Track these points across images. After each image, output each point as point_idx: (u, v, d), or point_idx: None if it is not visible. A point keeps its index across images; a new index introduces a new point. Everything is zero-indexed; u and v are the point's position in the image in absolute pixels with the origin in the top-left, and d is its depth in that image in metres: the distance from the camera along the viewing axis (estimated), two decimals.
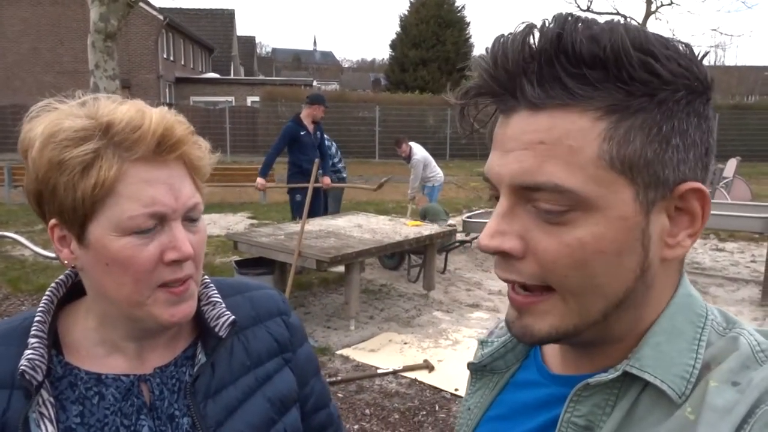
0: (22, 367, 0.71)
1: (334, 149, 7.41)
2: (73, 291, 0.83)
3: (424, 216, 7.22)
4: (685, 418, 0.50)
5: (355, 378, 4.20)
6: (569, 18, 0.50)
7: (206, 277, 0.88)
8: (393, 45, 31.53)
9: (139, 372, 0.80)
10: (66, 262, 0.75)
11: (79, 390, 0.77)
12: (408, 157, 8.27)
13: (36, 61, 24.01)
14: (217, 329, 0.82)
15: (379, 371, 4.29)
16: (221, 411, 0.81)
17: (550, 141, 0.50)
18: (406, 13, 30.80)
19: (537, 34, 0.50)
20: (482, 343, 0.75)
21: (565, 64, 0.49)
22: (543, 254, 0.52)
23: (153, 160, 0.72)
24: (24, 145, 0.72)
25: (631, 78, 0.48)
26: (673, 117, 0.50)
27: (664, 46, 0.50)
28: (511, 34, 0.52)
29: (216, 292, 0.87)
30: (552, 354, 0.66)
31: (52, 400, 0.74)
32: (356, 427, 3.59)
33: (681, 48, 0.51)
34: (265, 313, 0.91)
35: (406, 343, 4.86)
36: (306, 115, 6.65)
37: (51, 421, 0.73)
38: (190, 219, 0.76)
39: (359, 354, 4.62)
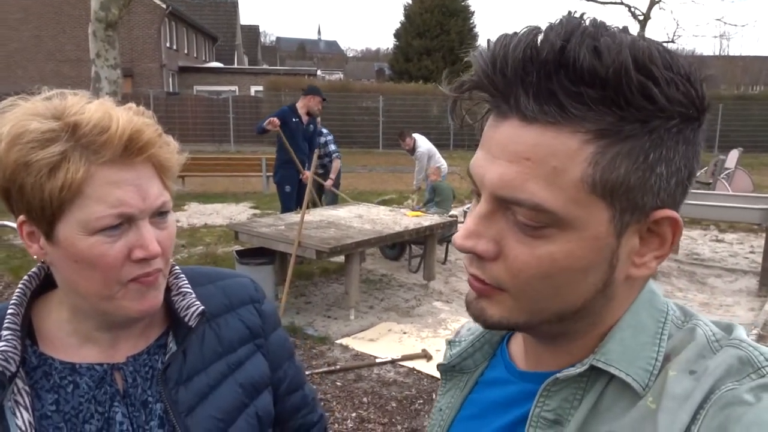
0: None
1: (331, 144, 7.36)
2: (47, 282, 0.84)
3: (433, 191, 7.21)
4: (647, 407, 0.52)
5: (354, 367, 4.23)
6: (576, 29, 0.49)
7: (176, 267, 0.90)
8: (397, 34, 31.37)
9: (112, 361, 0.82)
10: (36, 256, 0.77)
11: (53, 379, 0.79)
12: (412, 150, 8.23)
13: (38, 50, 23.99)
14: (186, 319, 0.84)
15: (377, 360, 4.32)
16: (193, 397, 0.83)
17: (535, 159, 0.49)
18: (411, 2, 30.64)
19: (540, 41, 0.49)
20: (450, 343, 0.76)
21: (564, 81, 0.48)
22: (513, 261, 0.53)
23: (120, 162, 0.72)
24: None
25: (627, 103, 0.48)
26: (662, 145, 0.50)
27: (667, 67, 0.48)
28: (514, 36, 0.51)
29: (186, 282, 0.88)
30: (518, 351, 0.68)
31: (27, 389, 0.76)
32: (354, 414, 3.62)
33: (683, 68, 0.49)
34: (237, 301, 0.93)
35: (405, 333, 4.88)
36: (301, 105, 6.63)
37: (26, 409, 0.75)
38: (159, 214, 0.77)
39: (358, 343, 4.65)
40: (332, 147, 7.40)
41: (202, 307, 0.85)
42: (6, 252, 6.88)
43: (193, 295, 0.86)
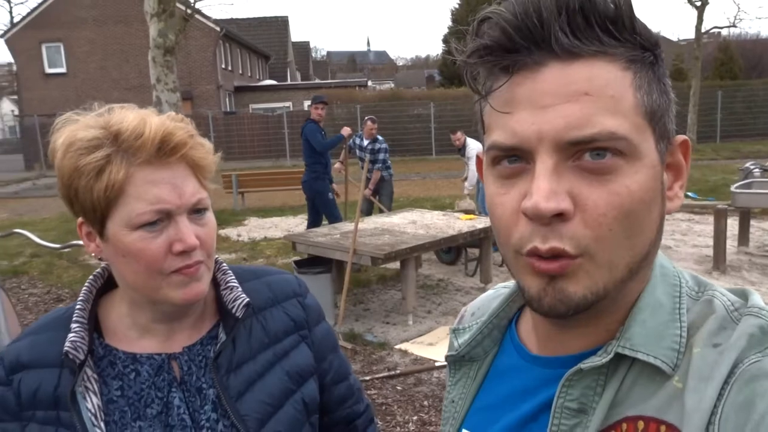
0: (65, 348, 0.82)
1: (381, 154, 7.53)
2: (111, 281, 0.92)
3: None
4: (674, 387, 0.51)
5: (414, 371, 4.25)
6: None
7: (225, 264, 0.97)
8: (445, 39, 31.35)
9: (169, 351, 0.89)
10: (93, 254, 0.85)
11: (118, 367, 0.87)
12: (461, 148, 8.15)
13: (104, 79, 25.36)
14: (234, 310, 0.90)
15: (437, 364, 4.32)
16: (242, 383, 0.89)
17: (593, 91, 0.49)
18: (458, 5, 30.59)
19: None
20: (455, 331, 0.73)
21: (595, 16, 0.50)
22: (593, 209, 0.50)
23: (157, 163, 0.80)
24: (51, 155, 0.82)
25: (640, 32, 0.51)
26: (665, 74, 0.54)
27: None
28: None
29: (233, 278, 0.95)
30: (528, 334, 0.65)
31: (95, 376, 0.85)
32: (415, 418, 3.64)
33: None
34: (281, 295, 0.99)
35: None
36: (317, 115, 6.98)
37: (95, 394, 0.84)
38: (196, 211, 0.84)
39: (417, 348, 4.67)
40: (381, 156, 7.46)
41: (248, 299, 0.91)
42: (83, 272, 7.29)
43: (240, 289, 0.93)
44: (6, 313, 3.41)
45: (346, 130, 6.70)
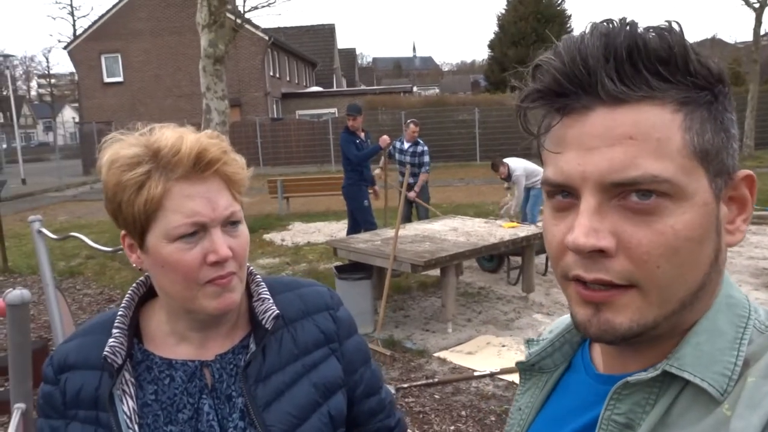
0: (104, 353, 0.87)
1: (426, 156, 7.55)
2: (152, 289, 0.97)
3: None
4: (722, 414, 0.51)
5: (452, 380, 4.23)
6: (626, 20, 0.54)
7: (258, 276, 1.01)
8: (491, 45, 31.16)
9: (202, 358, 0.93)
10: (135, 265, 0.91)
11: (154, 372, 0.92)
12: (508, 177, 7.79)
13: (158, 87, 26.29)
14: (264, 322, 0.94)
15: (476, 373, 4.29)
16: (270, 393, 0.92)
17: (638, 135, 0.51)
18: (504, 11, 30.35)
19: (609, 31, 0.53)
20: (529, 342, 0.76)
21: (644, 60, 0.51)
22: (637, 247, 0.52)
23: (192, 178, 0.84)
24: (98, 171, 0.88)
25: (695, 72, 0.52)
26: (726, 110, 0.55)
27: (695, 51, 0.53)
28: (582, 34, 0.54)
29: (266, 289, 0.98)
30: (598, 353, 0.67)
31: (132, 380, 0.90)
32: (452, 428, 3.63)
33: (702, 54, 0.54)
34: (313, 308, 1.02)
35: (504, 346, 4.82)
36: (350, 126, 7.13)
37: (131, 397, 0.89)
38: (230, 224, 0.88)
39: (456, 356, 4.65)
40: (426, 158, 7.54)
41: (278, 311, 0.94)
42: (133, 274, 7.56)
43: (271, 301, 0.96)
44: (62, 313, 3.58)
45: (384, 141, 6.73)
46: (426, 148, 7.57)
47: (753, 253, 7.34)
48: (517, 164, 7.80)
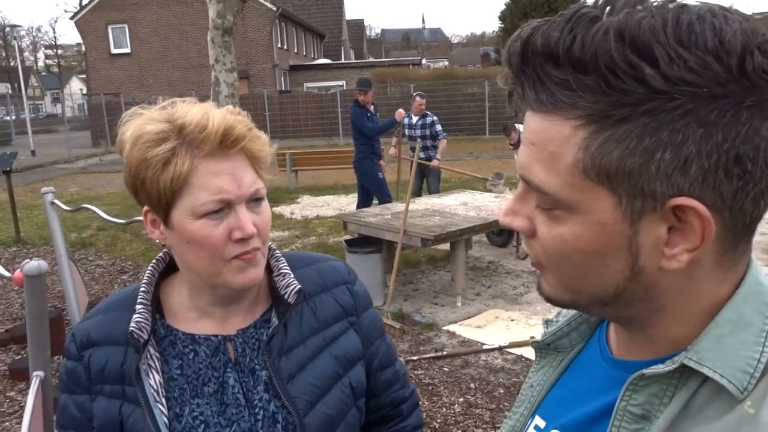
0: (131, 328, 0.88)
1: (437, 125, 7.52)
2: (172, 265, 0.98)
3: None
4: (745, 412, 0.49)
5: (461, 353, 4.27)
6: (575, 17, 0.49)
7: (277, 251, 1.01)
8: (502, 16, 30.58)
9: (225, 333, 0.94)
10: (158, 240, 0.91)
11: (178, 347, 0.93)
12: (517, 144, 7.91)
13: (165, 59, 26.12)
14: (286, 296, 0.94)
15: (484, 347, 4.33)
16: (293, 366, 0.93)
17: (537, 144, 0.53)
18: None
19: (539, 33, 0.50)
20: (547, 321, 0.76)
21: (552, 70, 0.49)
22: (540, 238, 0.56)
23: (218, 155, 0.84)
24: (119, 147, 0.87)
25: (610, 87, 0.46)
26: (662, 129, 0.46)
27: (681, 41, 0.45)
28: (521, 30, 0.53)
29: (286, 264, 0.99)
30: (612, 335, 0.66)
31: (158, 355, 0.91)
32: (461, 400, 3.67)
33: (712, 40, 0.45)
34: (331, 282, 1.03)
35: (513, 320, 4.85)
36: (361, 100, 7.08)
37: (157, 371, 0.90)
38: (254, 200, 0.88)
39: (465, 330, 4.69)
40: (438, 127, 7.57)
41: (299, 286, 0.95)
42: (144, 245, 7.63)
43: (292, 276, 0.97)
44: (75, 283, 3.63)
45: (399, 114, 6.72)
46: (436, 117, 7.60)
47: (764, 229, 7.30)
48: None
